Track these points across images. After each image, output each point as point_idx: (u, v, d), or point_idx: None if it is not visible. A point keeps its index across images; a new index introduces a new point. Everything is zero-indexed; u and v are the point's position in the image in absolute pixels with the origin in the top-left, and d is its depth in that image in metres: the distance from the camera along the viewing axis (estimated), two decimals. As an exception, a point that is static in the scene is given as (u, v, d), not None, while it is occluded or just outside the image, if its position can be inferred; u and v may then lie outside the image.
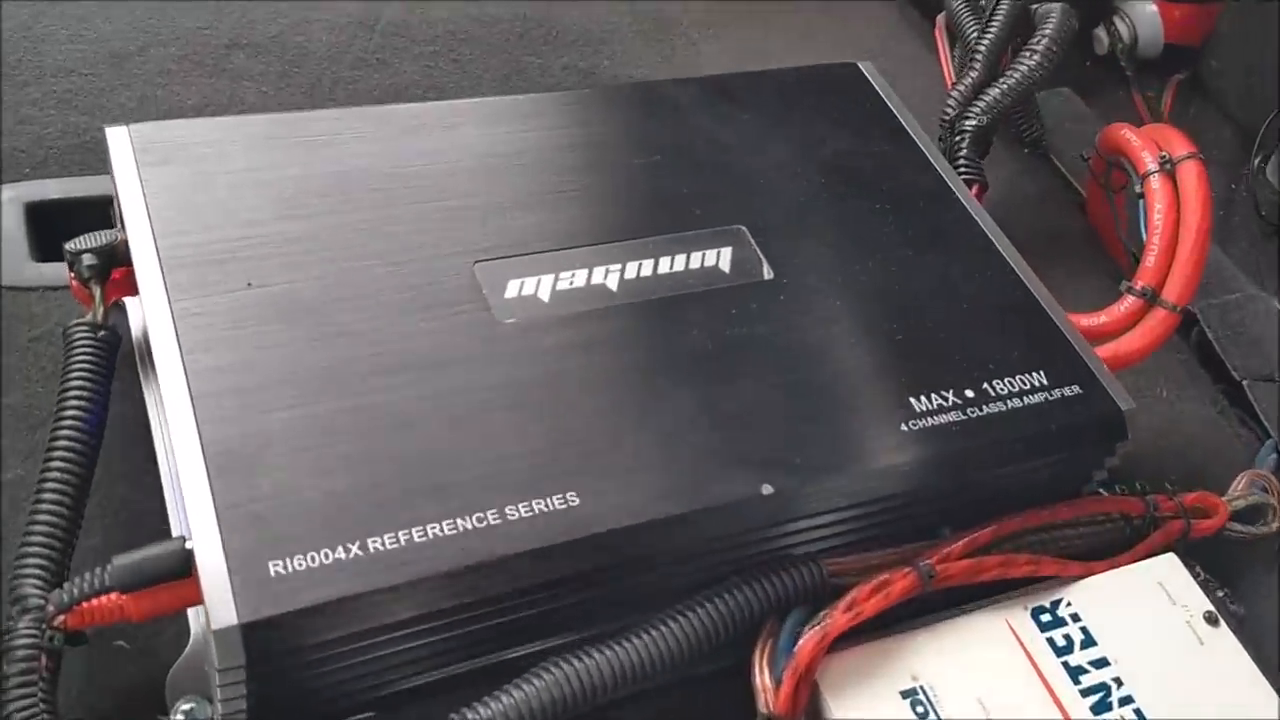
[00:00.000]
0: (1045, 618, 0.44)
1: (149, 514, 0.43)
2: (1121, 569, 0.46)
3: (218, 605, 0.35)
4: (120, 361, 0.45)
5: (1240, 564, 0.53)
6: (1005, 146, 0.69)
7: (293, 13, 0.65)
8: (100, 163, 0.55)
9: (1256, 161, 0.79)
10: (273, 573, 0.36)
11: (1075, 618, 0.44)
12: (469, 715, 0.37)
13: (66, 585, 0.37)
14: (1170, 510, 0.50)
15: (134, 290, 0.46)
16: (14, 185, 0.53)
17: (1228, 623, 0.46)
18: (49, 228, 0.53)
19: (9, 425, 0.45)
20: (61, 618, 0.37)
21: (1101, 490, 0.50)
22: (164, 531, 0.43)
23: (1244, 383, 0.61)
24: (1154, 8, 0.87)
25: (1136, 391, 0.58)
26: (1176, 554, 0.48)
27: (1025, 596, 0.45)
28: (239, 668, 0.35)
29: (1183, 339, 0.64)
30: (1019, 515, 0.46)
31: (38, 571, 0.38)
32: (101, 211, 0.50)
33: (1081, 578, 0.46)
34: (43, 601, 0.37)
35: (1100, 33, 0.88)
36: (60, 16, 0.61)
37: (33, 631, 0.37)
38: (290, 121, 0.50)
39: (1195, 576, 0.48)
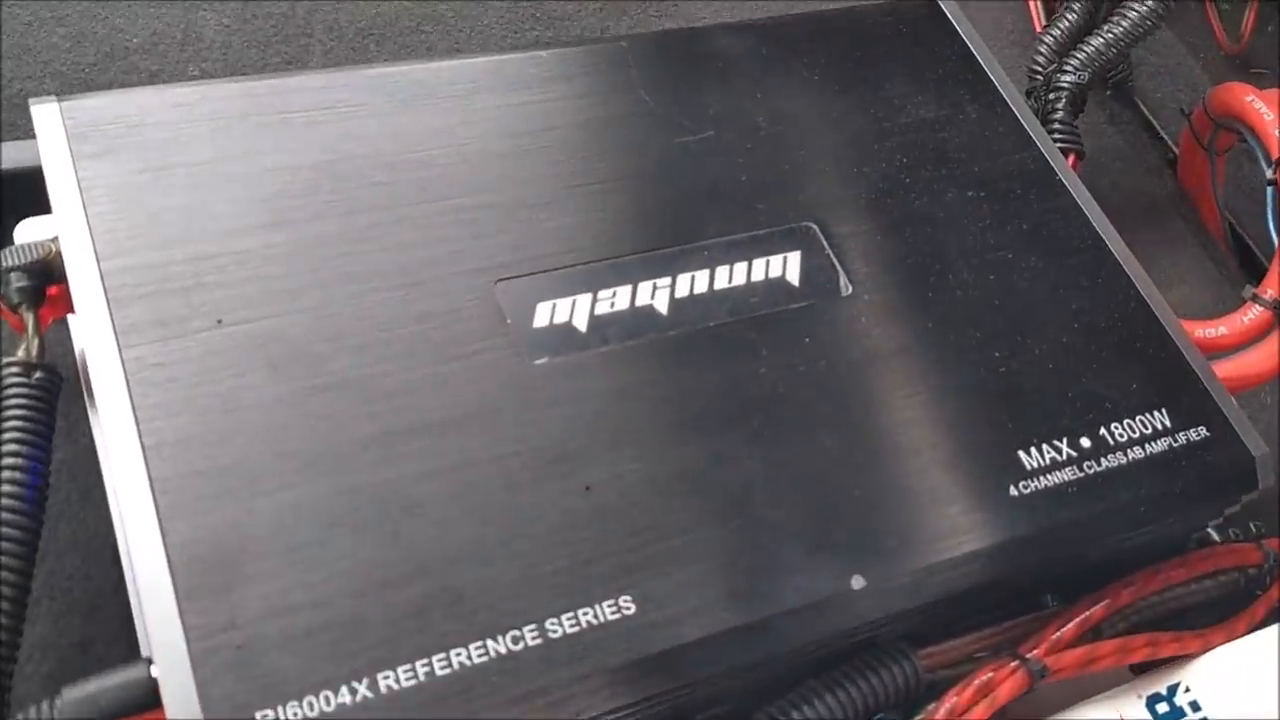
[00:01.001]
0: (1162, 707, 0.38)
1: (105, 595, 0.36)
2: (1240, 640, 0.40)
3: (198, 778, 0.28)
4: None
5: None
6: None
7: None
8: (26, 122, 0.45)
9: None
10: (260, 722, 0.29)
11: (1195, 706, 0.38)
12: None
13: (12, 715, 0.30)
14: (1287, 558, 0.43)
15: (70, 310, 0.38)
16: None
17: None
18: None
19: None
20: (3, 759, 0.30)
21: (1213, 533, 0.43)
22: (126, 620, 0.35)
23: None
24: (1235, -93, 0.77)
25: (1242, 396, 0.52)
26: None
27: (1138, 681, 0.39)
28: None
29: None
30: (1132, 584, 0.39)
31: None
32: (34, 187, 0.40)
33: (1201, 654, 0.40)
34: (-19, 737, 0.30)
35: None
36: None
37: (-34, 784, 0.30)
38: (263, 92, 0.40)
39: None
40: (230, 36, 0.50)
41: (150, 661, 0.31)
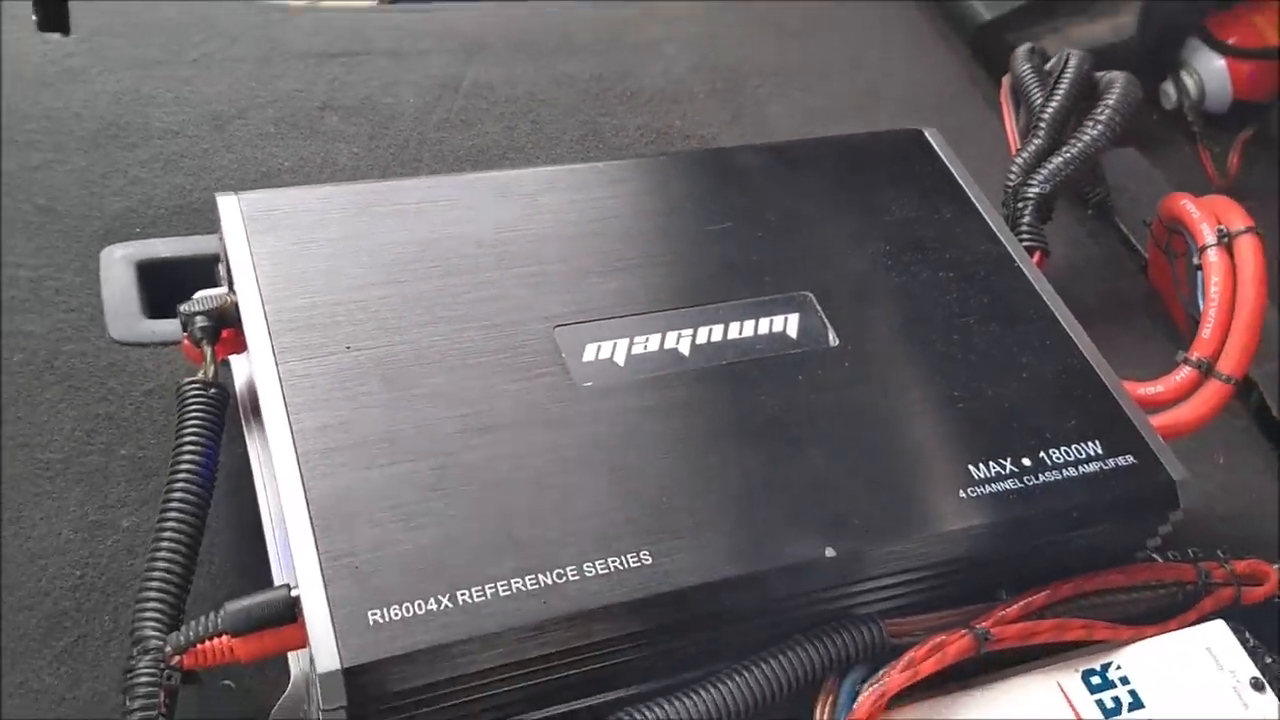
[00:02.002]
0: (1095, 680, 0.46)
1: (253, 561, 0.46)
2: (1171, 634, 0.48)
3: (323, 652, 0.38)
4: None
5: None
6: (1069, 208, 0.71)
7: (382, 75, 0.68)
8: (205, 223, 0.59)
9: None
10: (371, 622, 0.39)
11: (1124, 680, 0.46)
12: None
13: (183, 628, 0.41)
14: (1221, 577, 0.51)
15: (240, 349, 0.50)
16: (125, 244, 0.56)
17: (1274, 689, 0.48)
18: (158, 285, 0.56)
19: (125, 474, 0.49)
20: (178, 658, 0.41)
21: (1155, 556, 0.51)
22: (267, 577, 0.46)
23: (1301, 447, 0.62)
24: (1222, 63, 0.88)
25: (1191, 457, 0.59)
26: (1226, 621, 0.49)
27: (1077, 659, 0.47)
28: (341, 708, 0.38)
29: (1242, 404, 0.66)
30: (1073, 581, 0.48)
31: (156, 615, 0.41)
32: (208, 269, 0.53)
33: (1132, 642, 0.47)
34: (161, 643, 0.41)
35: (1168, 87, 0.90)
36: (165, 80, 0.65)
37: (152, 670, 0.40)
38: (384, 190, 0.53)
39: (1245, 643, 0.49)
40: (359, 161, 0.63)
41: (289, 588, 0.41)
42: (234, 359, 0.52)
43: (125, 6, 0.68)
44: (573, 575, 0.41)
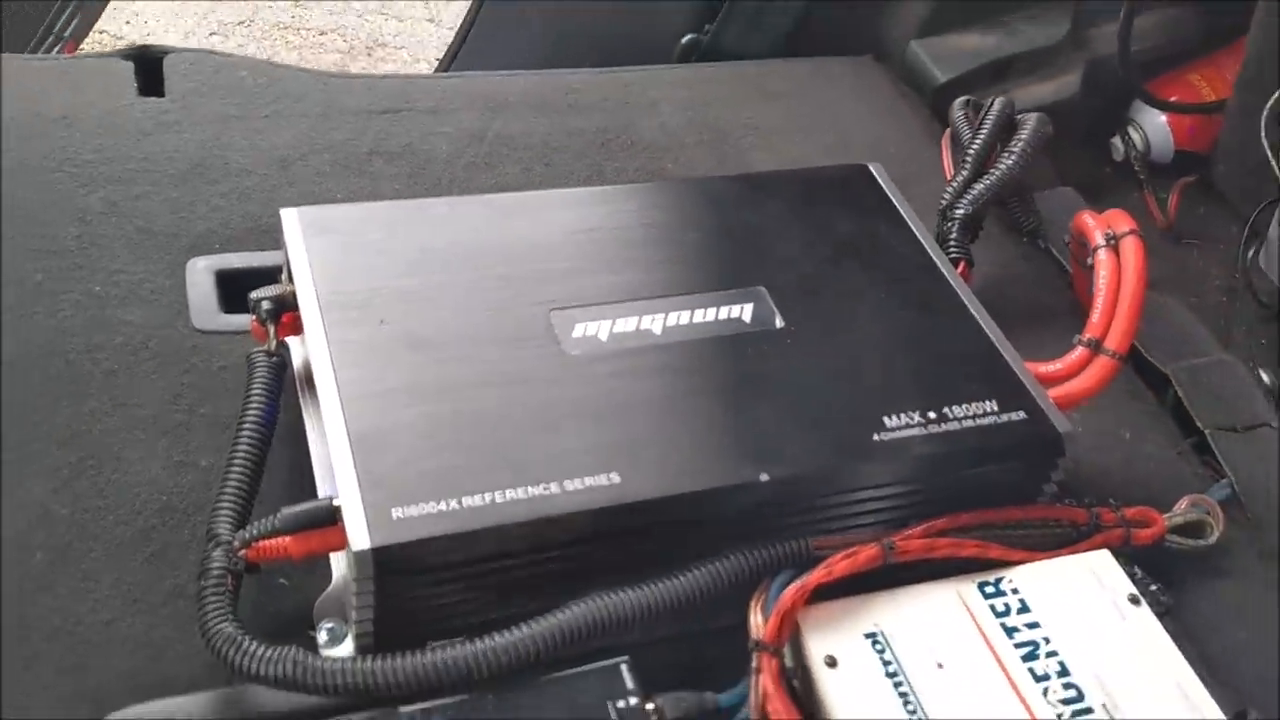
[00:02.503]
0: (989, 589, 0.55)
1: (304, 489, 0.57)
2: (1059, 559, 0.57)
3: (357, 536, 0.49)
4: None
5: (1184, 573, 0.63)
6: (1004, 235, 0.82)
7: (420, 128, 0.82)
8: (271, 242, 0.71)
9: (1250, 253, 0.90)
10: (394, 516, 0.50)
11: (1015, 591, 0.55)
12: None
13: (248, 527, 0.52)
14: (1111, 520, 0.60)
15: (296, 332, 0.62)
16: (206, 257, 0.69)
17: (1152, 608, 0.57)
18: (231, 288, 0.69)
19: (203, 428, 0.61)
20: (244, 550, 0.52)
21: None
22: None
23: (1206, 431, 0.72)
24: (1164, 119, 0.99)
25: (1100, 432, 0.70)
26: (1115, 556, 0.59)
27: (976, 575, 0.56)
28: (369, 579, 0.49)
29: (1159, 400, 0.75)
30: (973, 512, 0.57)
31: (228, 515, 0.52)
32: (270, 276, 0.65)
33: (1024, 563, 0.57)
34: (231, 538, 0.52)
35: (1116, 141, 1.01)
36: (240, 131, 0.79)
37: (223, 559, 0.51)
38: (414, 205, 0.66)
39: (1132, 575, 0.58)
40: (399, 195, 0.76)
41: (331, 499, 0.52)
42: (291, 341, 0.63)
43: (209, 75, 0.82)
44: (554, 489, 0.52)
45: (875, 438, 0.57)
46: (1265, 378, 0.81)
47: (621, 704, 0.49)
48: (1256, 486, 0.68)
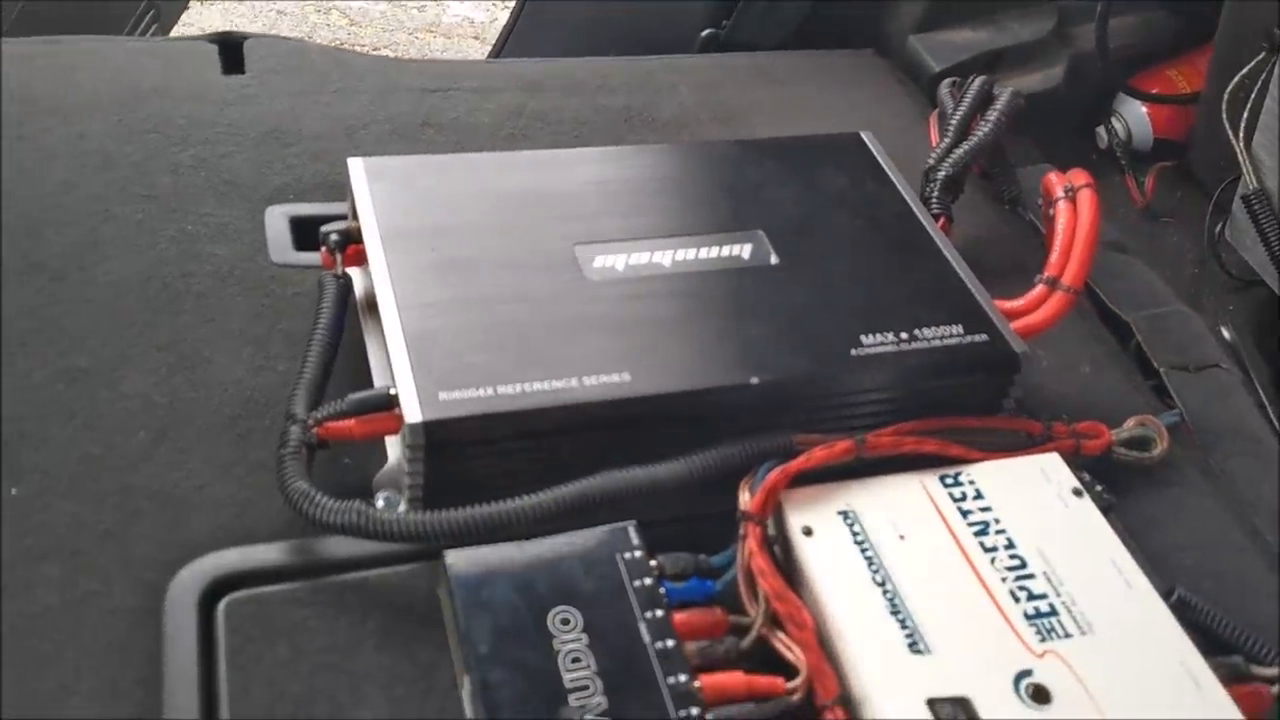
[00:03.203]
0: (948, 480, 0.64)
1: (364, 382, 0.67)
2: (1013, 458, 0.66)
3: (410, 412, 0.59)
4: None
5: (1131, 483, 0.71)
6: (988, 202, 0.91)
7: (466, 104, 0.92)
8: (337, 195, 0.82)
9: (1218, 228, 0.98)
10: (441, 398, 0.60)
11: (971, 482, 0.64)
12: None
13: (320, 408, 0.62)
14: (1063, 432, 0.69)
15: (359, 263, 0.72)
16: (281, 205, 0.80)
17: (1096, 503, 0.65)
18: (303, 231, 0.79)
19: (281, 339, 0.71)
20: (315, 427, 0.62)
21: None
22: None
23: (1161, 369, 0.80)
24: (1144, 109, 1.08)
25: (1063, 366, 0.78)
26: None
27: (938, 469, 0.65)
28: (420, 448, 0.59)
29: (1122, 347, 0.84)
30: (938, 419, 0.66)
31: (303, 399, 0.62)
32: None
33: (981, 461, 0.66)
34: (305, 416, 0.62)
35: (1101, 130, 1.10)
36: (312, 104, 0.90)
37: (299, 433, 0.61)
38: (461, 159, 0.76)
39: (1081, 480, 0.67)
40: (447, 158, 0.86)
41: (389, 388, 0.62)
42: (353, 272, 0.74)
43: (284, 57, 0.93)
44: (574, 383, 0.61)
45: (853, 352, 0.66)
46: (1227, 334, 0.90)
47: (628, 556, 0.58)
48: (1204, 416, 0.76)
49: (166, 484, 0.62)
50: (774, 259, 0.71)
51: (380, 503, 0.62)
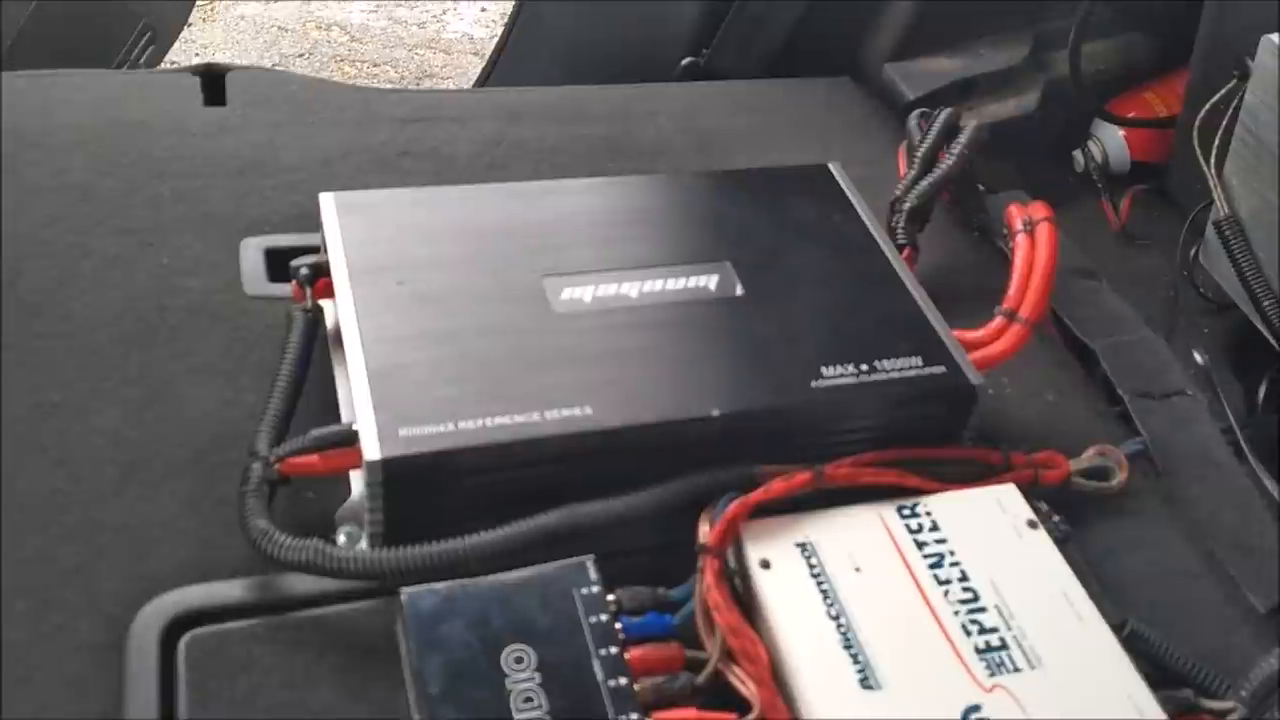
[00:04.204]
0: (905, 511, 0.64)
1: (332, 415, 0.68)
2: (970, 490, 0.67)
3: (370, 449, 0.60)
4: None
5: (1092, 514, 0.72)
6: (959, 230, 0.92)
7: (446, 134, 0.93)
8: (312, 227, 0.82)
9: (1192, 251, 0.99)
10: (402, 434, 0.60)
11: (928, 513, 0.65)
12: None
13: (284, 444, 0.63)
14: (1021, 462, 0.70)
15: (331, 295, 0.73)
16: (258, 237, 0.81)
17: (1051, 535, 0.66)
18: (277, 263, 0.80)
19: (251, 372, 0.72)
20: (277, 464, 0.63)
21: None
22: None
23: (1126, 398, 0.81)
24: (1121, 133, 1.09)
25: (1028, 393, 0.79)
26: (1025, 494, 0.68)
27: (896, 500, 0.66)
28: (379, 484, 0.60)
29: (1088, 374, 0.84)
30: (897, 450, 0.67)
31: (267, 435, 0.63)
32: (312, 254, 0.77)
33: (939, 492, 0.66)
34: (268, 453, 0.63)
35: (1078, 154, 1.11)
36: (291, 135, 0.91)
37: (260, 470, 0.62)
38: (431, 192, 0.77)
39: (1038, 510, 0.67)
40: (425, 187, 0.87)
41: (351, 424, 0.63)
42: (325, 304, 0.74)
43: (265, 89, 0.95)
44: (536, 417, 0.62)
45: (814, 383, 0.67)
46: (1200, 358, 0.90)
47: (585, 591, 0.59)
48: (1168, 443, 0.77)
49: (133, 519, 0.63)
50: (740, 290, 0.72)
51: (342, 538, 0.63)
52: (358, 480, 0.66)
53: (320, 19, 2.75)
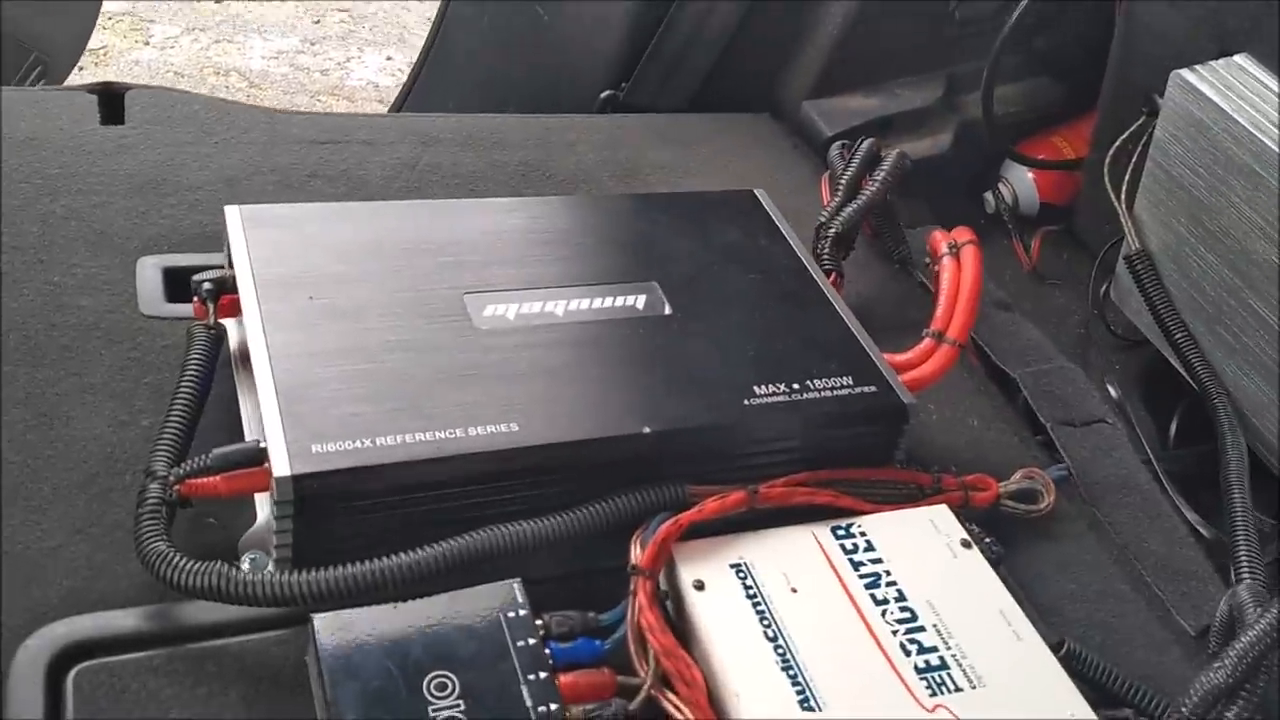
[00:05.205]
0: (840, 532, 0.63)
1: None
2: (904, 510, 0.65)
3: (280, 464, 0.56)
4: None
5: (1019, 536, 0.71)
6: (877, 260, 0.92)
7: (357, 157, 0.90)
8: (213, 246, 0.79)
9: (1103, 289, 1.01)
10: (314, 450, 0.57)
11: (863, 534, 0.63)
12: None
13: (182, 464, 0.59)
14: (952, 485, 0.69)
15: (234, 313, 0.69)
16: (156, 256, 0.77)
17: (985, 555, 0.64)
18: (174, 283, 0.76)
19: (146, 395, 0.67)
20: (178, 485, 0.58)
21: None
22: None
23: (1048, 425, 0.81)
24: (1030, 175, 1.11)
25: (951, 419, 0.79)
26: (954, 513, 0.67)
27: (830, 521, 0.64)
28: (289, 503, 0.56)
29: (1009, 402, 0.85)
30: (830, 470, 0.65)
31: (165, 455, 0.59)
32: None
33: (872, 513, 0.65)
34: (167, 473, 0.58)
35: (989, 196, 1.12)
36: (192, 154, 0.87)
37: (159, 490, 0.58)
38: (345, 208, 0.74)
39: (970, 532, 0.66)
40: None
41: (259, 441, 0.59)
42: (227, 323, 0.70)
43: (166, 108, 0.91)
44: (460, 433, 0.59)
45: (746, 402, 0.65)
46: (1113, 392, 0.91)
47: (512, 615, 0.56)
48: (1090, 470, 0.77)
49: (17, 545, 0.58)
50: (668, 309, 0.70)
51: (246, 564, 0.59)
52: (263, 505, 0.62)
53: (218, 65, 2.69)
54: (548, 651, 0.54)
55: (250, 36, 2.79)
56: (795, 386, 0.66)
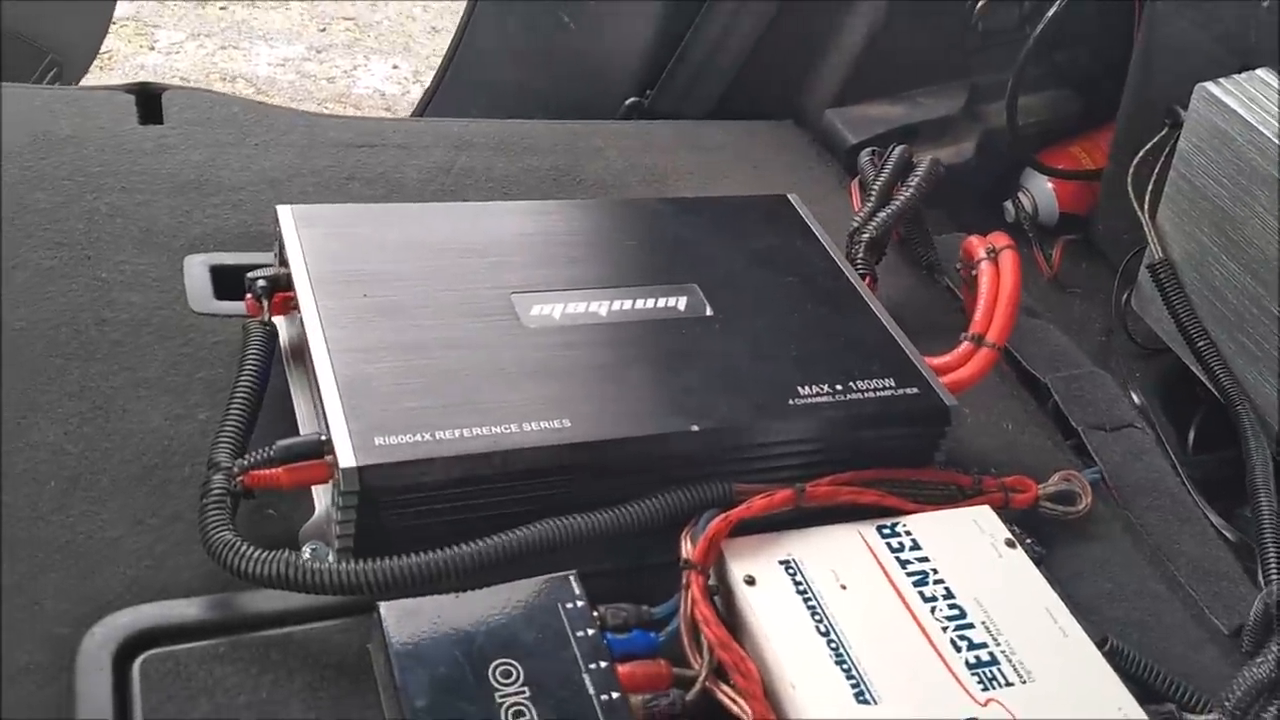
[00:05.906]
0: (885, 531, 0.64)
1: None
2: (947, 510, 0.67)
3: (345, 455, 0.57)
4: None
5: (1057, 536, 0.72)
6: (908, 268, 0.93)
7: (394, 160, 0.91)
8: (258, 245, 0.80)
9: (1124, 297, 1.02)
10: (377, 442, 0.58)
11: (908, 533, 0.64)
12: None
13: (245, 456, 0.60)
14: (992, 486, 0.70)
15: (285, 312, 0.70)
16: (203, 254, 0.78)
17: (1027, 555, 0.66)
18: (223, 281, 0.77)
19: (200, 389, 0.68)
20: (241, 476, 0.59)
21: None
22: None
23: (1080, 429, 0.82)
24: (1050, 185, 1.12)
25: (985, 423, 0.80)
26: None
27: (875, 520, 0.65)
28: (354, 493, 0.56)
29: (1040, 407, 0.86)
30: (874, 470, 0.66)
31: (228, 446, 0.60)
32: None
33: (916, 513, 0.66)
34: (230, 464, 0.59)
35: (1009, 205, 1.14)
36: (234, 155, 0.88)
37: (223, 481, 0.58)
38: (394, 209, 0.75)
39: (1011, 530, 0.68)
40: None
41: (319, 434, 0.60)
42: (278, 321, 0.71)
43: (205, 109, 0.92)
44: (514, 429, 0.60)
45: (790, 402, 0.66)
46: (1136, 399, 0.93)
47: (570, 606, 0.56)
48: (1121, 473, 0.78)
49: (78, 536, 0.59)
50: (709, 311, 0.72)
51: (307, 554, 0.59)
52: (322, 496, 0.63)
53: (225, 71, 2.70)
54: (606, 641, 0.55)
55: (256, 43, 2.79)
56: (839, 387, 0.68)
